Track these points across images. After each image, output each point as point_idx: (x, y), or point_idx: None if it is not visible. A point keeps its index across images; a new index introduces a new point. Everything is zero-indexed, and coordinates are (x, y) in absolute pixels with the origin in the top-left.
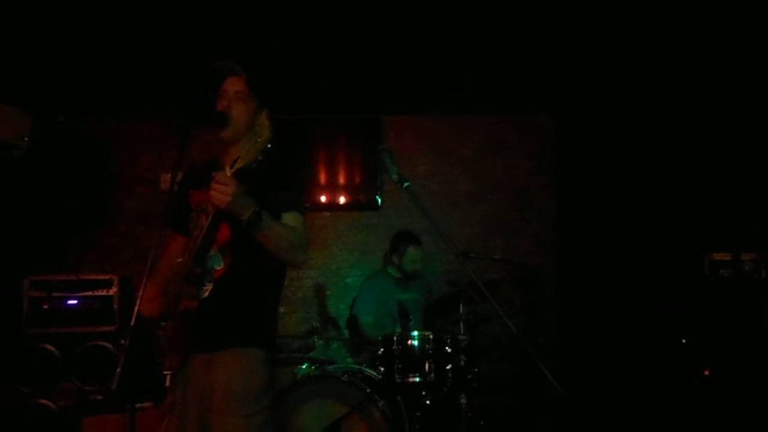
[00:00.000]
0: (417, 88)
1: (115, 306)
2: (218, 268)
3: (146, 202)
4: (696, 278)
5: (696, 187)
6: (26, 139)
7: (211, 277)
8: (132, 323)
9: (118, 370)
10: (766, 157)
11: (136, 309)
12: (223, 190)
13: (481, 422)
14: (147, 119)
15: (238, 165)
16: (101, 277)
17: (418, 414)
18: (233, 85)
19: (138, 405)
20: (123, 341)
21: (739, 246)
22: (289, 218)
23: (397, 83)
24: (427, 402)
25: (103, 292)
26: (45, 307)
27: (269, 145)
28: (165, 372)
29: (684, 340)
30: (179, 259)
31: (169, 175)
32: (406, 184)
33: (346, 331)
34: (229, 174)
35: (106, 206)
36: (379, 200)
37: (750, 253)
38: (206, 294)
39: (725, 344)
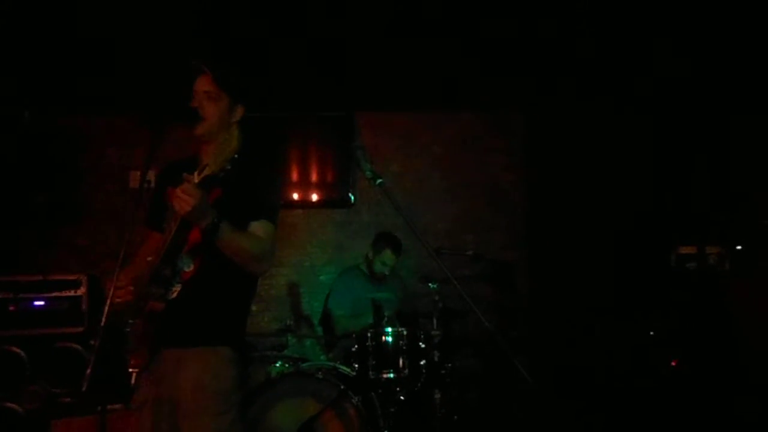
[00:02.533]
0: (389, 84)
1: (83, 306)
2: (187, 269)
3: (115, 200)
4: (663, 271)
5: (662, 182)
6: None
7: (180, 279)
8: (102, 323)
9: (89, 371)
10: (727, 153)
11: (106, 308)
12: (185, 199)
13: (455, 417)
14: (116, 115)
15: (205, 172)
16: (69, 277)
17: (392, 410)
18: (202, 85)
19: (108, 407)
20: (93, 342)
21: (704, 240)
22: (257, 227)
23: (370, 80)
24: (401, 397)
25: (71, 293)
26: (11, 308)
27: (236, 155)
28: (131, 370)
29: (652, 332)
30: (149, 258)
31: (139, 172)
32: (379, 181)
33: (319, 329)
34: (196, 180)
35: (74, 204)
36: (353, 197)
37: (714, 247)
38: (174, 295)
39: (692, 335)
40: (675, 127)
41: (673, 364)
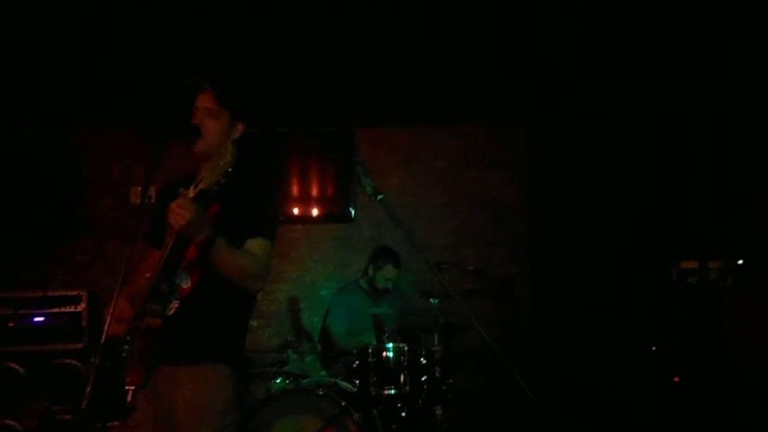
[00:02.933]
0: (390, 99)
1: (83, 323)
2: (185, 286)
3: (116, 216)
4: (665, 286)
5: (663, 196)
6: None
7: (177, 295)
8: (102, 341)
9: (88, 388)
10: (728, 166)
11: (106, 326)
12: (180, 213)
13: None
14: (117, 130)
15: (200, 186)
16: (69, 293)
17: (393, 426)
18: (203, 101)
19: (108, 424)
20: (93, 359)
21: (706, 254)
22: (253, 244)
23: (370, 95)
24: (403, 414)
25: (71, 309)
26: (10, 324)
27: (230, 169)
28: (127, 387)
29: (654, 348)
30: (147, 275)
31: (140, 188)
32: (380, 197)
33: (319, 345)
34: (191, 195)
35: (75, 219)
36: (353, 212)
37: (716, 261)
38: (172, 311)
39: (693, 351)
40: (675, 140)
41: (676, 380)
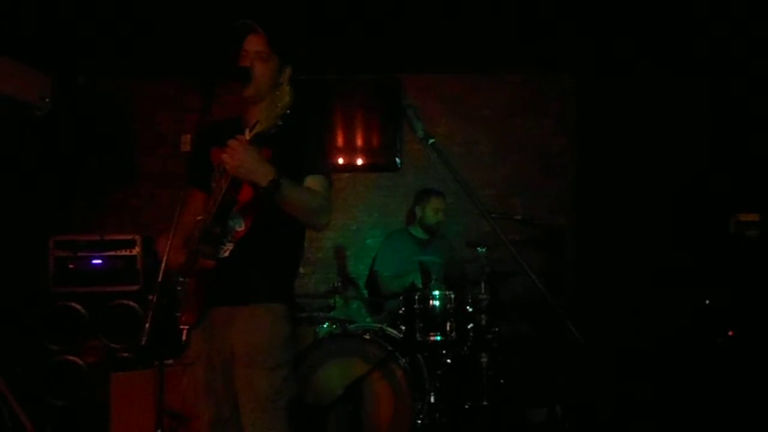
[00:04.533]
0: (437, 46)
1: (138, 266)
2: (239, 229)
3: (167, 163)
4: (721, 239)
5: (722, 146)
6: (47, 100)
7: (231, 237)
8: (159, 279)
9: (147, 325)
10: None
11: (162, 265)
12: (234, 155)
13: (501, 381)
14: (166, 78)
15: (256, 129)
16: (124, 237)
17: (438, 372)
18: (254, 44)
19: (165, 361)
20: (151, 297)
21: (766, 207)
22: (313, 182)
23: (417, 42)
24: (448, 360)
25: (127, 252)
26: (71, 266)
27: (288, 111)
28: (181, 327)
29: (708, 301)
30: (199, 217)
31: (190, 136)
32: (431, 141)
33: (365, 291)
34: (247, 138)
35: (128, 167)
36: (399, 161)
37: None
38: (226, 254)
39: (750, 305)
40: (734, 89)
41: (730, 334)
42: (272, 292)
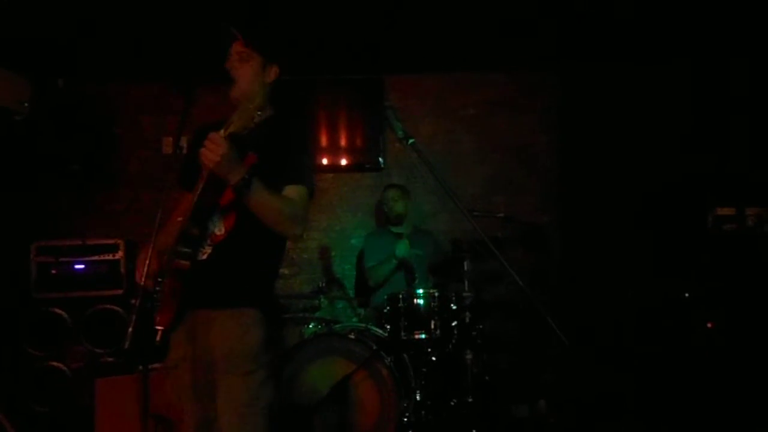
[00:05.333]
0: (419, 46)
1: (121, 270)
2: (218, 232)
3: (149, 166)
4: (699, 233)
5: (699, 141)
6: (26, 104)
7: (210, 240)
8: (141, 283)
9: (130, 329)
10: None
11: (144, 269)
12: (213, 150)
13: (486, 378)
14: (147, 82)
15: (230, 129)
16: (107, 241)
17: (424, 370)
18: (235, 47)
19: (150, 366)
20: (133, 301)
21: (743, 201)
22: (291, 190)
23: (399, 42)
24: (433, 358)
25: (110, 257)
26: (53, 272)
27: (259, 113)
28: (157, 327)
29: (687, 294)
30: (179, 218)
31: (172, 138)
32: (411, 141)
33: (351, 291)
34: (222, 135)
35: (110, 170)
36: (382, 161)
37: (754, 208)
38: (204, 256)
39: (728, 298)
40: (712, 85)
41: (709, 326)
42: (248, 297)
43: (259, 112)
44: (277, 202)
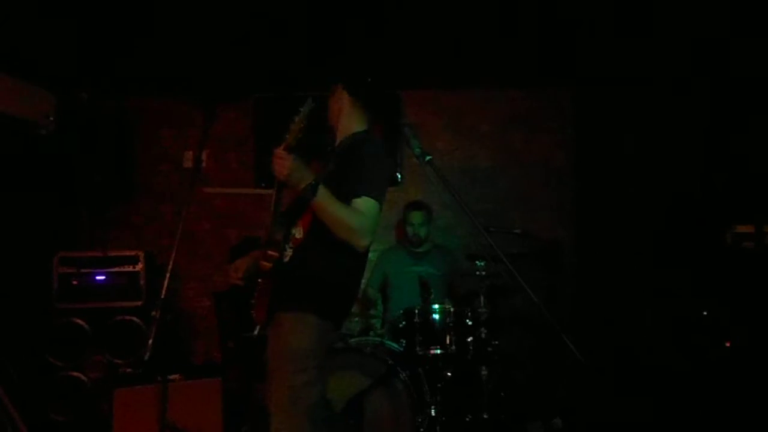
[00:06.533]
0: (436, 62)
1: (141, 282)
2: (298, 236)
3: (169, 179)
4: (718, 251)
5: (717, 159)
6: (51, 118)
7: (292, 243)
8: (162, 295)
9: (150, 340)
10: None
11: (165, 282)
12: (281, 164)
13: (502, 393)
14: (169, 97)
15: (286, 143)
16: (128, 253)
17: (439, 385)
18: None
19: (169, 377)
20: (154, 313)
21: (763, 219)
22: (359, 202)
23: (417, 57)
24: (449, 373)
25: (130, 268)
26: (74, 282)
27: (303, 125)
28: (255, 326)
29: (705, 312)
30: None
31: (192, 152)
32: (428, 158)
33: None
34: (281, 149)
35: (131, 183)
36: (400, 177)
37: None
38: (287, 259)
39: (747, 317)
40: (730, 102)
41: (728, 344)
42: (310, 302)
43: (303, 125)
44: (343, 210)
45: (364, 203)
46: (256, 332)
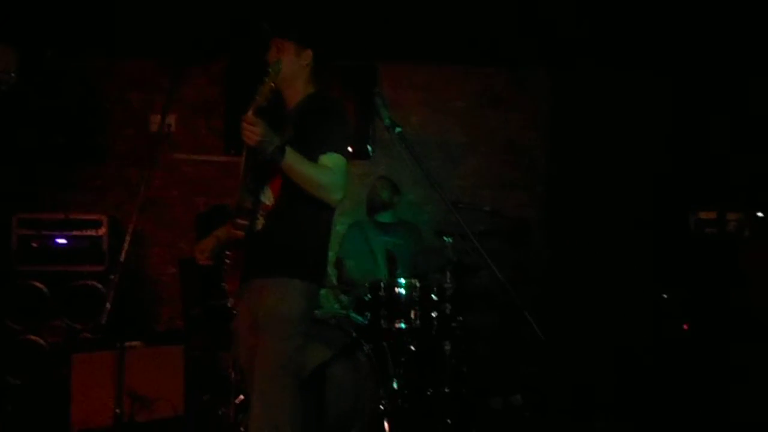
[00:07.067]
0: (413, 36)
1: (104, 246)
2: (268, 203)
3: (135, 143)
4: (682, 236)
5: (683, 145)
6: (12, 74)
7: (263, 211)
8: (122, 259)
9: (108, 304)
10: (746, 116)
11: (125, 245)
12: (252, 130)
13: (464, 369)
14: (137, 58)
15: (255, 105)
16: (90, 217)
17: (402, 359)
18: (274, 42)
19: (127, 343)
20: (113, 277)
21: (725, 205)
22: (326, 159)
23: (394, 30)
24: (412, 348)
25: (92, 232)
26: (34, 245)
27: (272, 85)
28: (228, 297)
29: (665, 295)
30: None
31: (158, 116)
32: (397, 129)
33: (333, 277)
34: (250, 114)
35: (95, 146)
36: (371, 149)
37: (735, 213)
38: (259, 227)
39: (707, 300)
40: (695, 90)
41: (685, 327)
42: (294, 267)
43: (272, 85)
44: (313, 169)
45: (331, 159)
46: (229, 303)
